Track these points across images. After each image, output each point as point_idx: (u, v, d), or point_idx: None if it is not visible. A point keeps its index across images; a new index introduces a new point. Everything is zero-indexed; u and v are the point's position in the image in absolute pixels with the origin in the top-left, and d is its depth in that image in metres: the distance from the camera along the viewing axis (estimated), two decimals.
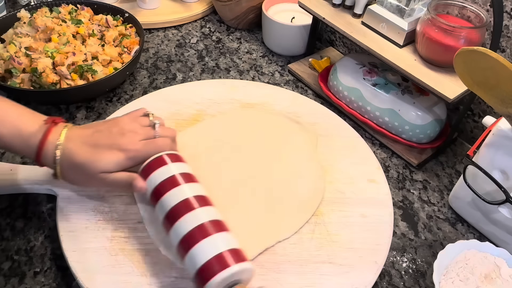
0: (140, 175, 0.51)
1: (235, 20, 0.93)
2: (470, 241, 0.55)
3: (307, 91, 0.82)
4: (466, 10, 0.66)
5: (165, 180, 0.49)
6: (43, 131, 0.49)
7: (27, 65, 0.70)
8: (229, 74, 0.83)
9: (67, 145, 0.49)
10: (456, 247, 0.54)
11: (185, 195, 0.48)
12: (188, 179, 0.50)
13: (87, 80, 0.71)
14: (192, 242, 0.44)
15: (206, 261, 0.43)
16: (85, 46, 0.75)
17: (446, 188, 0.67)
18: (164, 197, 0.48)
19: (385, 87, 0.71)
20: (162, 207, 0.48)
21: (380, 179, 0.63)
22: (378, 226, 0.57)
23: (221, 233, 0.46)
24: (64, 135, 0.50)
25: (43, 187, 0.58)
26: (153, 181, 0.49)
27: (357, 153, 0.67)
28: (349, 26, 0.72)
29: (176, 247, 0.47)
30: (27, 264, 0.53)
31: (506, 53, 0.66)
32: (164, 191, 0.48)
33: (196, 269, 0.44)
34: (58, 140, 0.49)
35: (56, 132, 0.50)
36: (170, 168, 0.50)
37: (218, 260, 0.43)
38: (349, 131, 0.70)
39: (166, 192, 0.48)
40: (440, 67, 0.65)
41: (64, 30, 0.75)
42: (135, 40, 0.79)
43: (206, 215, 0.47)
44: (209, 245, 0.44)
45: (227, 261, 0.43)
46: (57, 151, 0.49)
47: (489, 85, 0.48)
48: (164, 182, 0.49)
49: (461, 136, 0.76)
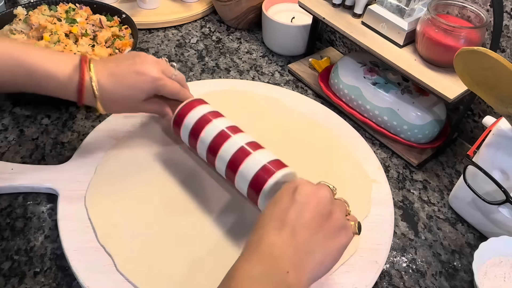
0: (175, 118, 0.59)
1: (235, 20, 0.93)
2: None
3: (307, 91, 0.82)
4: (466, 10, 0.66)
5: (199, 119, 0.57)
6: (78, 73, 0.51)
7: None
8: (229, 74, 0.83)
9: (102, 82, 0.53)
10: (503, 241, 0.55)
11: (219, 128, 0.55)
12: (217, 115, 0.57)
13: None
14: (238, 162, 0.52)
15: (255, 174, 0.51)
16: (77, 45, 0.75)
17: (446, 188, 0.67)
18: (202, 134, 0.56)
19: (385, 86, 0.71)
20: (203, 142, 0.56)
21: (380, 179, 0.63)
22: (379, 226, 0.57)
23: (258, 150, 0.53)
24: (93, 72, 0.52)
25: (43, 186, 0.58)
26: (188, 123, 0.57)
27: (358, 153, 0.67)
28: (349, 26, 0.72)
29: (224, 171, 0.55)
30: (27, 264, 0.53)
31: (506, 53, 0.66)
32: (200, 129, 0.56)
33: (248, 183, 0.51)
34: (92, 78, 0.52)
35: (87, 70, 0.52)
36: (200, 110, 0.57)
37: (264, 170, 0.51)
38: (349, 131, 0.70)
39: (203, 128, 0.56)
40: (440, 67, 0.65)
41: (57, 28, 0.75)
42: (128, 42, 0.79)
43: (242, 139, 0.54)
44: (253, 161, 0.52)
45: (272, 169, 0.51)
46: (94, 89, 0.52)
47: (489, 85, 0.48)
48: (199, 121, 0.57)
49: (461, 136, 0.76)
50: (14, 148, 0.65)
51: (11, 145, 0.66)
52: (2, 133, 0.67)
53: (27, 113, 0.71)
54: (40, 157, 0.65)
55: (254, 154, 0.52)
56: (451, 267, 0.57)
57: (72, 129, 0.69)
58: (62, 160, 0.64)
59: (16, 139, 0.67)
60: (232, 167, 0.53)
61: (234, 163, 0.53)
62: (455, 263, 0.58)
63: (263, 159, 0.52)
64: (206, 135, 0.56)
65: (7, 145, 0.66)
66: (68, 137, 0.68)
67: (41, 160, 0.64)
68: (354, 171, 0.64)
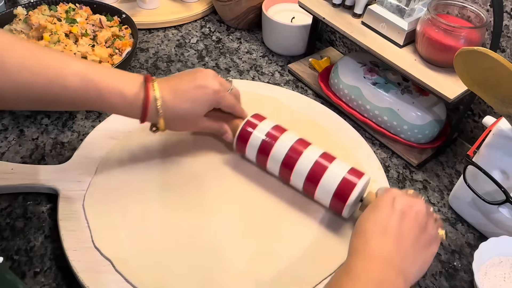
0: (238, 139, 0.61)
1: (235, 20, 0.93)
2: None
3: (307, 91, 0.82)
4: (466, 10, 0.66)
5: (267, 135, 0.59)
6: (143, 91, 0.53)
7: None
8: (229, 74, 0.83)
9: (165, 99, 0.54)
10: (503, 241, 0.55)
11: (289, 144, 0.58)
12: (281, 130, 0.60)
13: None
14: (317, 177, 0.55)
15: (337, 186, 0.54)
16: (77, 45, 0.75)
17: (446, 188, 0.67)
18: (274, 150, 0.58)
19: (385, 86, 0.71)
20: (274, 159, 0.58)
21: (381, 179, 0.63)
22: None
23: (333, 163, 0.56)
24: (158, 90, 0.53)
25: (43, 186, 0.58)
26: (254, 143, 0.59)
27: (358, 153, 0.67)
28: (349, 26, 0.72)
29: (302, 186, 0.57)
30: (27, 264, 0.53)
31: (506, 53, 0.66)
32: (270, 147, 0.58)
33: (332, 195, 0.54)
34: (156, 97, 0.53)
35: (152, 89, 0.53)
36: (263, 128, 0.60)
37: (346, 182, 0.54)
38: (349, 131, 0.70)
39: (273, 146, 0.58)
40: (440, 67, 0.65)
41: (57, 28, 0.75)
42: (128, 42, 0.79)
43: (314, 153, 0.57)
44: (332, 175, 0.55)
45: (353, 180, 0.54)
46: (158, 107, 0.53)
47: (489, 85, 0.48)
48: (267, 138, 0.59)
49: (461, 136, 0.76)
50: (14, 148, 0.65)
51: (11, 145, 0.66)
52: (2, 133, 0.67)
53: (27, 113, 0.71)
54: (40, 157, 0.65)
55: (331, 167, 0.55)
56: (451, 267, 0.57)
57: (72, 129, 0.69)
58: (62, 160, 0.64)
59: (16, 139, 0.67)
60: (311, 181, 0.56)
61: (313, 178, 0.56)
62: (455, 263, 0.58)
63: (340, 171, 0.55)
64: (277, 152, 0.58)
65: (7, 145, 0.66)
66: (68, 137, 0.68)
67: (41, 160, 0.64)
68: None
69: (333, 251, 0.54)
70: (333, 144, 0.67)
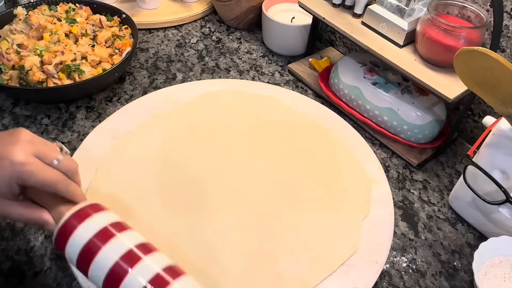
0: (59, 230, 0.41)
1: (235, 20, 0.93)
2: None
3: (307, 91, 0.82)
4: (466, 10, 0.66)
5: (94, 236, 0.41)
6: None
7: (17, 62, 0.70)
8: (229, 74, 0.83)
9: None
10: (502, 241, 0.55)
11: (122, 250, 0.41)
12: (120, 228, 0.43)
13: (74, 80, 0.71)
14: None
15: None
16: (77, 45, 0.75)
17: (446, 188, 0.67)
18: (98, 257, 0.40)
19: (385, 86, 0.71)
20: (98, 268, 0.40)
21: (380, 179, 0.63)
22: (379, 226, 0.57)
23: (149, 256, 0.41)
24: None
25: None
26: (76, 241, 0.40)
27: (358, 153, 0.67)
28: (349, 26, 0.72)
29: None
30: (27, 264, 0.53)
31: (506, 53, 0.66)
32: (96, 250, 0.40)
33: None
34: None
35: None
36: (95, 222, 0.42)
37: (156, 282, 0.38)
38: (349, 131, 0.70)
39: (99, 250, 0.40)
40: (440, 67, 0.65)
41: (57, 28, 0.75)
42: (128, 42, 0.79)
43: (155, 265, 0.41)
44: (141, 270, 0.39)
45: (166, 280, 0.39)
46: None
47: (489, 85, 0.48)
48: (93, 239, 0.40)
49: (461, 136, 0.76)
50: None
51: None
52: None
53: (27, 113, 0.71)
54: None
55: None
56: (451, 267, 0.57)
57: (72, 129, 0.69)
58: None
59: None
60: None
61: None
62: (455, 263, 0.58)
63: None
64: (102, 260, 0.40)
65: None
66: (68, 137, 0.68)
67: None
68: (354, 171, 0.64)
69: (333, 251, 0.54)
70: (333, 144, 0.67)
